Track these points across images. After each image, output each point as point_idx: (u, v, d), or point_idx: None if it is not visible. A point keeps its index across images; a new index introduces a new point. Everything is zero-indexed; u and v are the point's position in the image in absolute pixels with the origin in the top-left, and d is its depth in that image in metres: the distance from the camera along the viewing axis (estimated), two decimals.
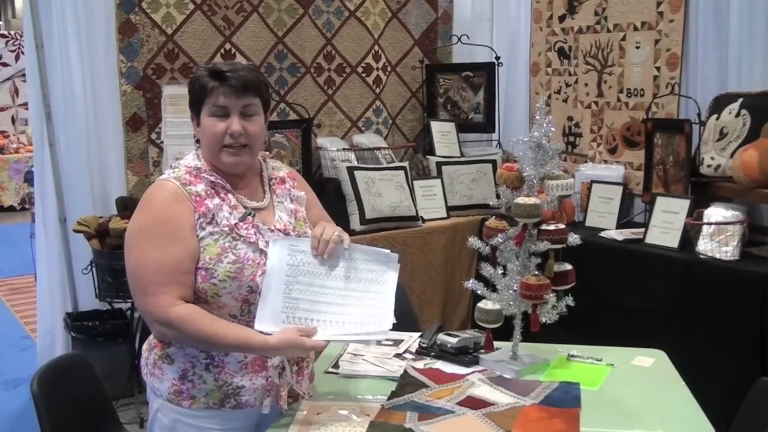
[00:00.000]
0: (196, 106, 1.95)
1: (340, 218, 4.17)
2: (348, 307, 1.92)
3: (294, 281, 1.90)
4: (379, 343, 2.44)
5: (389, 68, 4.88)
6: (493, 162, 4.60)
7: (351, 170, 4.20)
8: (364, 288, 1.94)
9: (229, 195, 1.95)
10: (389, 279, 1.97)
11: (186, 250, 1.85)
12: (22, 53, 8.29)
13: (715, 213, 3.39)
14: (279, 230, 1.97)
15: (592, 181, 4.15)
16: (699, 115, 3.74)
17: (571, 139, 4.61)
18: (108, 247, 3.59)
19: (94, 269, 3.67)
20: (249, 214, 1.94)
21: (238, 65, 1.97)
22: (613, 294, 3.65)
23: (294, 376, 1.99)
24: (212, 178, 1.94)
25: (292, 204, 2.07)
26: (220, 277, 1.86)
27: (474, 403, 1.99)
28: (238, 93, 1.90)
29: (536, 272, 2.20)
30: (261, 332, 1.85)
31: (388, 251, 1.99)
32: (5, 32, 10.47)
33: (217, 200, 1.91)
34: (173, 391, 1.92)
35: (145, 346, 2.02)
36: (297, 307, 1.89)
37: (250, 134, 1.93)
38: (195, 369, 1.90)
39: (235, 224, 1.90)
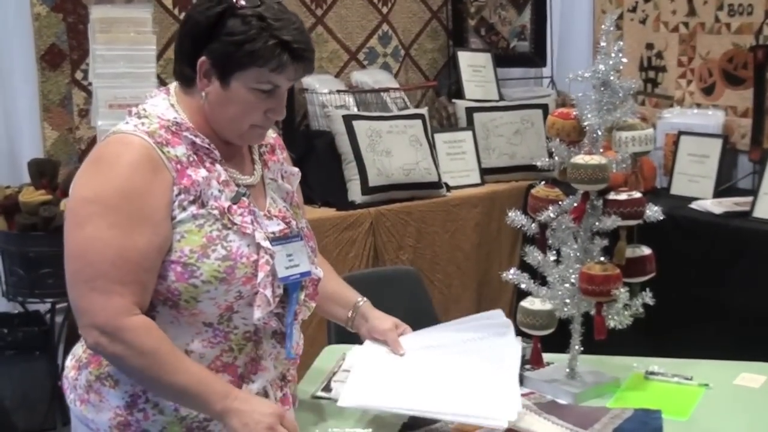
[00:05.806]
0: (231, 61, 1.84)
1: (335, 186, 4.16)
2: (457, 386, 2.05)
3: (388, 360, 2.19)
4: None
5: None
6: (544, 107, 4.60)
7: (349, 120, 4.19)
8: (480, 367, 2.10)
9: (217, 165, 1.90)
10: (512, 354, 2.14)
11: (156, 239, 1.80)
12: None
13: None
14: (275, 216, 1.96)
15: (680, 132, 4.14)
16: None
17: (651, 74, 4.58)
18: (19, 228, 3.59)
19: None
20: (243, 195, 1.91)
21: (302, 29, 1.89)
22: (708, 288, 3.63)
23: (278, 404, 1.98)
24: (197, 140, 1.88)
25: (286, 184, 2.07)
26: (205, 277, 1.82)
27: None
28: (307, 73, 1.93)
29: (602, 259, 2.19)
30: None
31: (500, 318, 2.23)
32: None
33: (203, 171, 1.86)
34: (117, 423, 1.89)
35: (70, 362, 1.98)
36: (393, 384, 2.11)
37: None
38: (147, 394, 1.87)
39: (228, 207, 1.87)
